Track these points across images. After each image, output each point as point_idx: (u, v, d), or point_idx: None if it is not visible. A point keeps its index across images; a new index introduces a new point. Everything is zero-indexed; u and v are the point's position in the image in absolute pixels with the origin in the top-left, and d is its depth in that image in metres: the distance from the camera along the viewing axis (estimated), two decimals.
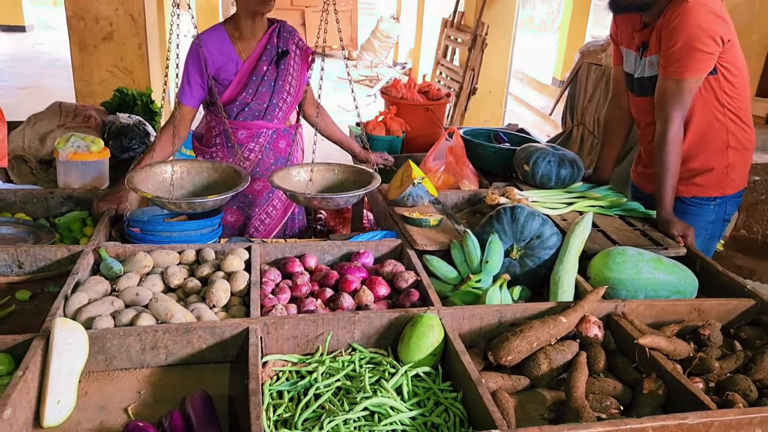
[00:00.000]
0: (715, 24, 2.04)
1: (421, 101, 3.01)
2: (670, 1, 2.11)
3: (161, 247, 1.83)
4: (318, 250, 1.94)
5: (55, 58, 10.35)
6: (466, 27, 6.89)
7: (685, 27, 2.04)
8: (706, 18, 2.03)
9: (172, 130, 2.22)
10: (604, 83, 3.93)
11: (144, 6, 3.79)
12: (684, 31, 2.04)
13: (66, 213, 2.19)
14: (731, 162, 2.30)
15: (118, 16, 3.75)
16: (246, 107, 2.30)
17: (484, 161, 2.73)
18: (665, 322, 1.69)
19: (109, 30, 3.78)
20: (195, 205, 1.82)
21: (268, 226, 2.42)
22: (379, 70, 10.74)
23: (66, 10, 3.75)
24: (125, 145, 2.55)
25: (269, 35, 2.33)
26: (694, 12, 2.03)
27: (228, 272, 1.75)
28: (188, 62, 2.26)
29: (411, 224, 2.09)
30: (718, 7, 2.07)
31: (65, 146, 2.23)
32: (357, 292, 1.73)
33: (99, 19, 3.75)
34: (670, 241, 2.08)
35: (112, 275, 1.71)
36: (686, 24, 2.03)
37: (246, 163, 2.35)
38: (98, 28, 3.76)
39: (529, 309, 1.64)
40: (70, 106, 2.68)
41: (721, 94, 2.19)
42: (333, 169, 2.12)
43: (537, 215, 1.92)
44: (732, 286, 1.86)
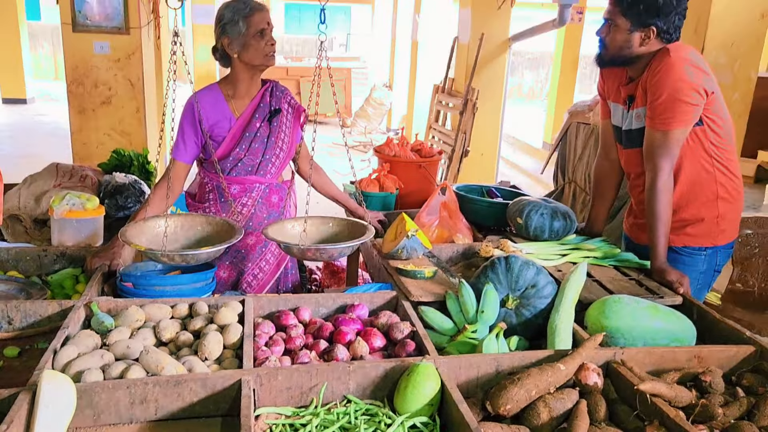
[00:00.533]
0: (697, 77, 2.11)
1: (414, 159, 3.06)
2: (654, 55, 2.19)
3: (153, 301, 1.81)
4: (312, 303, 1.92)
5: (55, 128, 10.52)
6: (457, 92, 7.08)
7: (668, 80, 2.10)
8: (689, 71, 2.11)
9: (166, 186, 2.24)
10: (593, 141, 4.02)
11: (143, 71, 3.90)
12: (668, 84, 2.11)
13: (59, 270, 2.18)
14: (721, 213, 2.32)
15: (117, 82, 3.85)
16: (239, 162, 2.34)
17: (477, 215, 2.74)
18: (665, 369, 1.66)
19: (108, 94, 3.88)
20: (188, 258, 1.81)
21: (261, 281, 2.41)
22: (373, 136, 10.95)
23: (66, 77, 3.86)
24: (120, 203, 2.57)
25: (262, 94, 2.39)
26: (676, 66, 2.10)
27: (221, 325, 1.73)
28: (183, 119, 2.31)
29: (406, 276, 2.08)
30: (699, 61, 2.15)
31: (60, 204, 2.24)
32: (352, 343, 1.71)
33: (98, 84, 3.86)
34: (666, 289, 2.08)
35: (104, 330, 1.68)
36: (670, 77, 2.10)
37: (239, 218, 2.36)
38: (97, 93, 3.86)
39: (527, 357, 1.61)
40: (67, 166, 2.71)
41: (708, 145, 2.24)
42: (327, 222, 2.13)
43: (532, 264, 1.92)
44: (730, 334, 1.84)
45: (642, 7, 2.15)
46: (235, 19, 2.23)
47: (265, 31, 2.27)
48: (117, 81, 3.86)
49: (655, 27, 2.15)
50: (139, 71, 3.89)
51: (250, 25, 2.25)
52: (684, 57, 2.12)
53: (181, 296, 1.90)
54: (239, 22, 2.24)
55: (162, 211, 2.26)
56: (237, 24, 2.24)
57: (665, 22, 2.15)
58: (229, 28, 2.24)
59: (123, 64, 3.86)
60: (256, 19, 2.25)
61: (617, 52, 2.23)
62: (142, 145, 3.94)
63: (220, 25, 2.27)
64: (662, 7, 2.14)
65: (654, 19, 2.15)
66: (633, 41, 2.18)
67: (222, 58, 2.34)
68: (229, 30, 2.25)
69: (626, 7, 2.18)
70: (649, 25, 2.15)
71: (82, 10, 3.65)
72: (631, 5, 2.17)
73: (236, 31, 2.24)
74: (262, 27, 2.26)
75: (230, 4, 2.26)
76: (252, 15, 2.24)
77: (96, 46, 3.74)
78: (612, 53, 2.25)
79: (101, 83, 3.87)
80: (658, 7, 2.14)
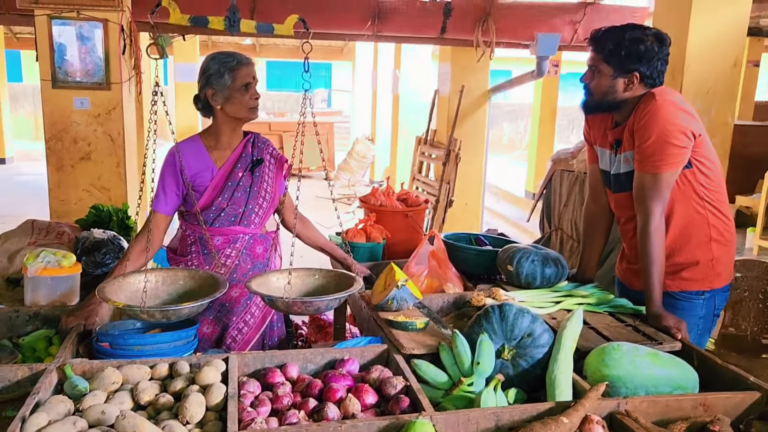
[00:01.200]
0: (684, 120, 2.11)
1: (400, 208, 3.02)
2: (639, 99, 2.20)
3: (131, 362, 1.71)
4: (300, 359, 1.83)
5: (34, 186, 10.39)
6: (440, 143, 7.15)
7: (656, 123, 2.10)
8: (676, 114, 2.11)
9: (145, 240, 2.17)
10: (577, 188, 4.03)
11: (124, 126, 3.87)
12: (656, 127, 2.10)
13: (32, 332, 2.07)
14: (716, 255, 2.29)
15: (97, 137, 3.81)
16: (222, 212, 2.29)
17: (466, 264, 2.69)
18: (671, 419, 1.59)
19: (87, 150, 3.83)
20: (169, 314, 1.72)
21: (246, 336, 2.32)
22: (356, 189, 10.97)
23: (45, 133, 3.81)
24: (99, 260, 2.48)
25: (244, 145, 2.36)
26: (663, 109, 2.11)
27: (203, 385, 1.63)
28: (164, 170, 2.26)
29: (397, 328, 2.01)
30: (685, 105, 2.16)
31: (34, 262, 2.15)
32: (343, 401, 1.62)
33: (78, 140, 3.81)
34: (664, 335, 2.02)
35: (77, 394, 1.58)
36: (657, 120, 2.10)
37: (222, 270, 2.28)
38: (76, 149, 3.81)
39: (527, 411, 1.53)
40: (43, 223, 2.63)
41: (699, 187, 2.22)
42: (313, 273, 2.06)
43: (527, 312, 1.86)
44: (733, 380, 1.78)
45: (624, 54, 2.17)
46: (221, 71, 2.22)
47: (250, 85, 2.25)
48: (97, 136, 3.82)
49: (638, 73, 2.17)
50: (119, 126, 3.86)
51: (236, 79, 2.23)
52: (671, 100, 2.13)
53: (161, 356, 1.81)
54: (225, 75, 2.22)
55: (141, 266, 2.18)
56: (222, 76, 2.22)
57: (648, 67, 2.17)
58: (215, 80, 2.22)
59: (103, 119, 3.83)
60: (242, 73, 2.23)
61: (602, 97, 2.24)
62: (122, 200, 3.87)
63: (205, 75, 2.25)
64: (644, 53, 2.16)
65: (636, 64, 2.16)
66: (617, 87, 2.20)
67: (204, 108, 2.31)
68: (214, 82, 2.22)
69: (608, 54, 2.19)
70: (631, 71, 2.17)
71: (62, 66, 3.65)
72: (613, 52, 2.18)
73: (221, 84, 2.22)
74: (247, 81, 2.24)
75: (217, 56, 2.25)
76: (238, 68, 2.23)
77: (76, 102, 3.72)
78: (597, 99, 2.25)
79: (80, 139, 3.83)
80: (640, 53, 2.16)
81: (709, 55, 3.86)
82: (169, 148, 2.25)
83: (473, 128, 6.85)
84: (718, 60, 3.90)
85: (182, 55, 11.83)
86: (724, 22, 3.86)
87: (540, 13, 5.47)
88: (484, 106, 6.89)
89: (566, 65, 11.50)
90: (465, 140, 6.62)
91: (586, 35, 5.62)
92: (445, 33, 5.32)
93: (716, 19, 3.84)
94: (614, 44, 2.18)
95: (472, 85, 6.68)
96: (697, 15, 3.80)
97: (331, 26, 5.16)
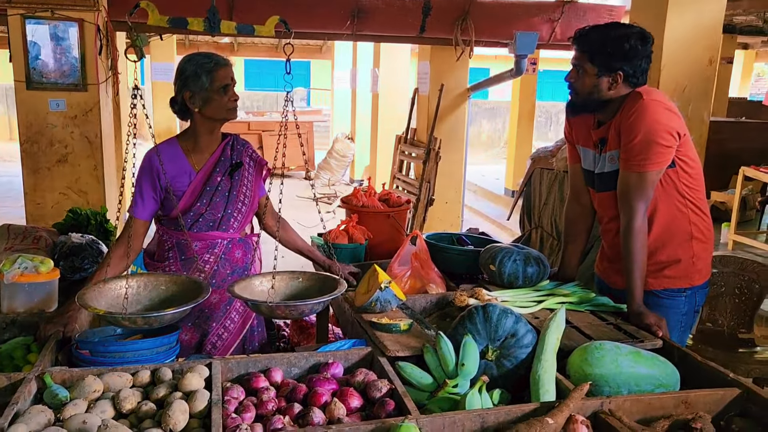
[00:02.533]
0: (670, 119, 2.14)
1: (382, 208, 3.02)
2: (625, 98, 2.22)
3: (112, 370, 1.69)
4: (284, 363, 1.82)
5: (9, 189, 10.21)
6: (420, 142, 7.16)
7: (643, 122, 2.12)
8: (663, 113, 2.13)
9: (125, 245, 2.14)
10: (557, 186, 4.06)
11: (101, 128, 3.81)
12: (643, 126, 2.12)
13: (8, 340, 2.03)
14: (696, 252, 2.33)
15: (74, 139, 3.75)
16: (200, 217, 2.25)
17: (448, 264, 2.70)
18: (653, 417, 1.61)
19: (63, 153, 3.77)
20: (151, 321, 1.70)
21: (227, 341, 2.30)
22: (336, 188, 10.95)
23: (20, 136, 3.74)
24: (77, 265, 2.43)
25: (222, 148, 2.33)
26: (650, 108, 2.13)
27: (186, 392, 1.61)
28: (141, 175, 2.22)
29: (380, 330, 2.00)
30: (671, 105, 2.18)
31: (11, 268, 2.10)
32: (328, 405, 1.61)
33: (54, 143, 3.75)
34: (645, 333, 2.05)
35: (57, 403, 1.56)
36: (644, 119, 2.12)
37: (201, 275, 2.26)
38: (53, 152, 3.75)
39: (513, 412, 1.54)
40: (19, 228, 2.58)
41: (681, 185, 2.25)
42: (297, 277, 2.05)
43: (510, 313, 1.86)
44: (713, 376, 1.81)
45: (608, 53, 2.18)
46: (197, 73, 2.18)
47: (228, 87, 2.22)
48: (74, 138, 3.76)
49: (622, 72, 2.19)
50: (97, 128, 3.80)
51: (214, 80, 2.19)
52: (657, 100, 2.15)
53: (143, 362, 1.78)
54: (202, 77, 2.18)
55: (121, 271, 2.15)
56: (200, 78, 2.18)
57: (631, 66, 2.19)
58: (191, 82, 2.18)
59: (80, 121, 3.76)
60: (220, 75, 2.20)
61: (587, 96, 2.25)
62: (100, 203, 3.82)
63: (181, 78, 2.20)
64: (628, 52, 2.18)
65: (620, 63, 2.18)
66: (601, 86, 2.21)
67: (181, 111, 2.27)
68: (191, 84, 2.18)
69: (592, 53, 2.21)
70: (615, 70, 2.19)
71: (36, 67, 3.57)
72: (597, 51, 2.20)
73: (199, 86, 2.19)
74: (225, 83, 2.21)
75: (193, 58, 2.21)
76: (216, 70, 2.19)
77: (51, 104, 3.65)
78: (582, 98, 2.27)
79: (57, 141, 3.76)
80: (624, 52, 2.17)
81: (685, 54, 3.92)
82: (146, 152, 2.21)
83: (453, 126, 6.88)
84: (694, 58, 3.96)
85: (159, 55, 11.70)
86: (700, 20, 3.92)
87: (518, 12, 5.50)
88: (464, 104, 6.91)
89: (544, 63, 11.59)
90: (445, 139, 6.65)
91: (564, 33, 5.67)
92: (424, 32, 5.33)
93: (692, 18, 3.90)
94: (599, 43, 2.20)
95: (451, 83, 6.70)
96: (673, 13, 3.86)
97: (311, 25, 5.13)
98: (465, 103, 6.90)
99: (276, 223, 2.49)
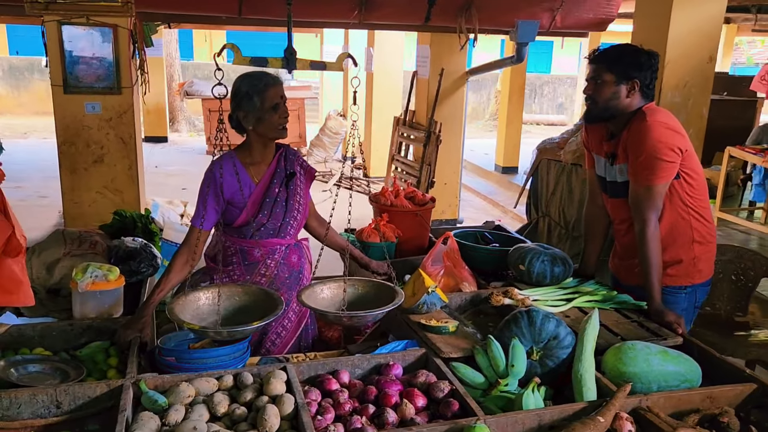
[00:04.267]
0: (673, 138, 2.36)
1: (410, 207, 3.19)
2: (633, 115, 2.42)
3: (199, 375, 1.86)
4: (349, 365, 2.01)
5: None
6: (419, 124, 7.29)
7: (647, 141, 2.35)
8: (665, 133, 2.36)
9: (186, 253, 2.31)
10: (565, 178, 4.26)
11: (135, 130, 3.92)
12: (647, 145, 2.35)
13: (85, 344, 2.19)
14: (697, 254, 2.56)
15: (110, 140, 3.85)
16: (262, 227, 2.42)
17: (477, 262, 2.89)
18: (684, 411, 1.84)
19: (99, 153, 3.88)
20: (237, 334, 1.88)
21: (285, 339, 2.48)
22: (330, 165, 11.05)
23: (57, 138, 3.83)
24: (134, 269, 2.59)
25: (277, 159, 2.48)
26: (653, 128, 2.35)
27: (272, 396, 1.79)
28: (204, 188, 2.37)
29: (431, 332, 2.20)
30: (673, 123, 2.40)
31: (83, 277, 2.25)
32: (399, 405, 1.81)
33: (90, 144, 3.85)
34: (667, 331, 2.27)
35: (158, 408, 1.73)
36: (648, 139, 2.35)
37: (263, 280, 2.43)
38: (89, 153, 3.85)
39: (565, 410, 1.76)
40: (73, 233, 2.71)
41: (685, 195, 2.48)
42: (353, 284, 2.22)
43: (551, 317, 2.07)
44: (729, 371, 2.03)
45: (626, 62, 2.41)
46: (249, 94, 2.31)
47: (278, 106, 2.35)
48: (109, 140, 3.86)
49: (638, 80, 2.39)
50: (131, 129, 3.90)
51: (265, 100, 2.32)
52: (660, 120, 2.37)
53: (222, 367, 1.95)
54: (254, 98, 2.31)
55: (184, 278, 2.32)
56: (252, 99, 2.31)
57: (645, 76, 2.41)
58: (245, 102, 2.31)
59: (115, 123, 3.86)
60: (270, 94, 2.33)
61: (606, 104, 2.45)
62: (135, 202, 3.94)
63: (236, 99, 2.34)
64: (643, 63, 2.41)
65: (637, 72, 2.40)
66: (620, 93, 2.42)
67: (237, 127, 2.41)
68: (244, 104, 2.32)
69: (610, 63, 2.43)
70: (632, 78, 2.40)
71: (73, 72, 3.65)
72: (615, 61, 2.42)
73: (251, 106, 2.32)
74: (276, 102, 2.34)
75: (246, 78, 2.33)
76: (266, 90, 2.32)
77: (87, 107, 3.74)
78: (601, 106, 2.46)
79: (93, 142, 3.87)
80: (640, 62, 2.42)
81: (686, 51, 4.10)
82: (209, 166, 2.35)
83: (452, 110, 7.01)
84: (695, 55, 4.15)
85: None
86: (702, 18, 4.09)
87: (520, 1, 5.61)
88: (463, 87, 7.04)
89: None
90: (444, 121, 6.79)
91: (563, 21, 5.81)
92: (429, 21, 5.43)
93: (694, 16, 4.08)
94: (616, 54, 2.44)
95: (451, 67, 6.82)
96: (677, 13, 4.02)
97: (320, 15, 5.21)
98: (464, 86, 7.03)
99: (318, 224, 2.67)
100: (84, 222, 3.72)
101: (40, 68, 15.10)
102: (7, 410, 1.75)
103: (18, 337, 2.17)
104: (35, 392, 1.77)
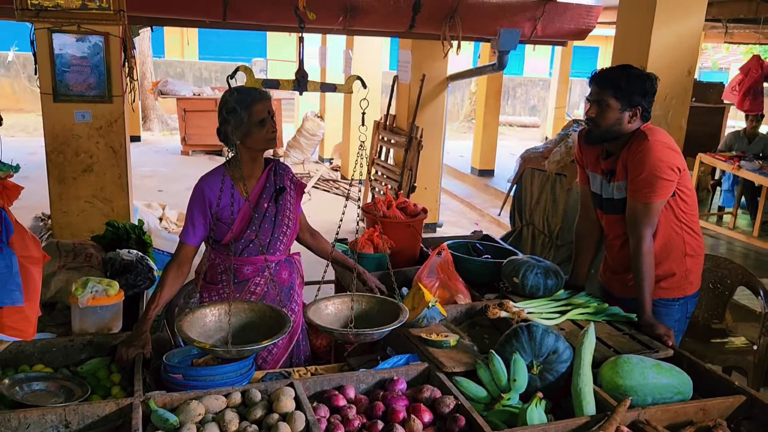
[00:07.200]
0: (673, 157, 2.44)
1: (403, 218, 3.23)
2: (632, 135, 2.49)
3: (208, 393, 1.87)
4: (353, 380, 2.04)
5: None
6: (400, 129, 7.34)
7: (649, 160, 2.41)
8: (665, 152, 2.43)
9: (176, 268, 2.34)
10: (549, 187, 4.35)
11: (125, 138, 3.88)
12: (648, 163, 2.41)
13: (85, 360, 2.18)
14: (688, 267, 2.66)
15: (99, 149, 3.81)
16: (251, 243, 2.41)
17: (470, 274, 2.95)
18: (679, 424, 1.92)
19: (89, 162, 3.83)
20: (245, 353, 1.89)
21: (276, 356, 2.49)
22: (307, 166, 11.03)
23: (46, 146, 3.77)
24: (131, 282, 2.58)
25: (267, 174, 2.48)
26: (655, 147, 2.42)
27: (282, 413, 1.82)
28: (192, 205, 2.37)
29: (432, 346, 2.24)
30: (672, 143, 2.48)
31: (83, 293, 2.24)
32: (407, 421, 1.84)
33: (79, 153, 3.80)
34: (658, 343, 2.35)
35: (169, 427, 1.74)
36: (650, 157, 2.41)
37: (252, 297, 2.43)
38: (78, 161, 3.80)
39: (568, 425, 1.82)
40: (67, 245, 2.68)
41: (679, 211, 2.57)
42: (357, 300, 2.25)
43: (550, 332, 2.13)
44: (718, 383, 2.12)
45: (632, 90, 2.45)
46: (236, 109, 2.29)
47: (265, 120, 2.34)
48: (99, 148, 3.81)
49: (640, 107, 2.46)
50: (121, 138, 3.86)
51: (252, 114, 2.32)
52: (660, 140, 2.44)
53: (229, 384, 1.97)
54: (241, 112, 2.29)
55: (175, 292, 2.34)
56: (238, 113, 2.29)
57: (647, 102, 2.47)
58: (232, 116, 2.28)
59: (105, 131, 3.81)
60: (257, 109, 2.33)
61: (608, 128, 2.50)
62: (125, 211, 3.90)
63: (223, 112, 2.32)
64: (648, 89, 2.47)
65: (641, 99, 2.45)
66: (623, 119, 2.48)
67: (225, 140, 2.38)
68: (231, 119, 2.28)
69: (617, 89, 2.46)
70: (636, 105, 2.46)
71: (63, 80, 3.59)
72: (622, 88, 2.46)
73: (239, 120, 2.30)
74: (263, 117, 2.34)
75: (233, 93, 2.29)
76: (253, 105, 2.32)
77: (77, 115, 3.68)
78: (603, 130, 2.52)
79: (82, 151, 3.81)
80: (645, 89, 2.47)
81: (667, 64, 4.22)
82: (197, 182, 2.35)
83: (433, 115, 7.08)
84: (675, 68, 4.27)
85: None
86: (682, 33, 4.22)
87: (503, 10, 5.70)
88: (443, 93, 7.11)
89: None
90: (425, 127, 6.84)
91: (544, 30, 5.92)
92: (413, 28, 5.48)
93: (675, 31, 4.20)
94: (623, 81, 2.46)
95: (432, 72, 6.88)
96: (659, 28, 4.14)
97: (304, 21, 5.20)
98: (444, 92, 7.10)
99: (311, 236, 2.68)
100: (72, 231, 3.68)
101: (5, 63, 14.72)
102: (16, 431, 1.74)
103: (18, 353, 2.15)
104: (44, 412, 1.76)
